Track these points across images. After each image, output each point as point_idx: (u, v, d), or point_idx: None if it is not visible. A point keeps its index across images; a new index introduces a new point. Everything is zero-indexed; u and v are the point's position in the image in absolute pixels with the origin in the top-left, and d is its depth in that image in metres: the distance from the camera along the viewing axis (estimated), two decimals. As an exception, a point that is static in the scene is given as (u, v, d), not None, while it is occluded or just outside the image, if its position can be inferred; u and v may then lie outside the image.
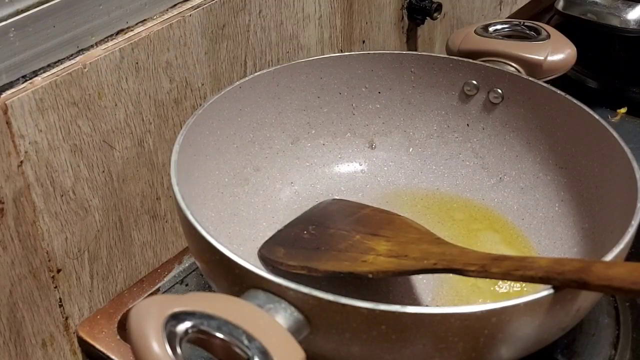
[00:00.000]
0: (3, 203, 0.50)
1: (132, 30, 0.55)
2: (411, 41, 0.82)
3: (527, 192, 0.61)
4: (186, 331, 0.38)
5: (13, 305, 0.52)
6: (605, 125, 0.56)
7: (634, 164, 0.52)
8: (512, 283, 0.54)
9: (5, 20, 0.48)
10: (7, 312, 0.52)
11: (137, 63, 0.55)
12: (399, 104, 0.65)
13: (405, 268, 0.49)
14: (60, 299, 0.55)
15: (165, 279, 0.61)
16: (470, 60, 0.63)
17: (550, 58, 0.64)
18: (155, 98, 0.57)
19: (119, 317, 0.57)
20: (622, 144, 0.54)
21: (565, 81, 0.66)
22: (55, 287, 0.55)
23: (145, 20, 0.56)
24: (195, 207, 0.49)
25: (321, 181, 0.64)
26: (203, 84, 0.61)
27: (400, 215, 0.57)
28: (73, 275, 0.56)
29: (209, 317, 0.39)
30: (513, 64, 0.64)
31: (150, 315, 0.37)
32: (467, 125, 0.64)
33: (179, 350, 0.37)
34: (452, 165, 0.65)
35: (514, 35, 0.68)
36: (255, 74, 0.61)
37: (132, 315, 0.38)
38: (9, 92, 0.49)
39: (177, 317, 0.38)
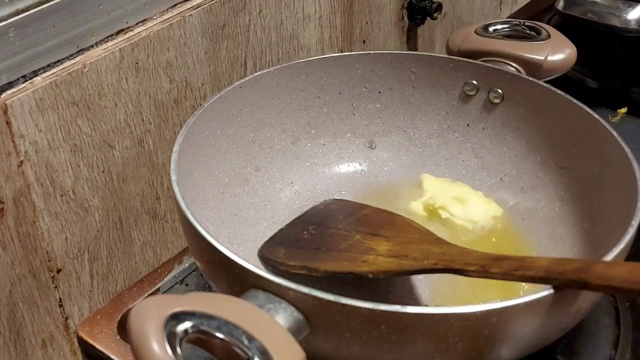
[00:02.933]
0: (3, 203, 0.50)
1: (132, 30, 0.55)
2: (411, 41, 0.82)
3: (527, 192, 0.61)
4: (186, 331, 0.38)
5: (13, 305, 0.52)
6: (605, 125, 0.56)
7: (634, 164, 0.52)
8: (514, 283, 0.54)
9: (5, 20, 0.48)
10: (7, 312, 0.52)
11: (137, 63, 0.55)
12: (399, 104, 0.65)
13: (406, 268, 0.49)
14: (60, 299, 0.55)
15: (165, 279, 0.61)
16: (470, 60, 0.63)
17: (550, 58, 0.64)
18: (155, 98, 0.57)
19: (119, 317, 0.57)
20: (622, 144, 0.54)
21: (565, 81, 0.66)
22: (55, 287, 0.55)
23: (145, 20, 0.56)
24: (195, 207, 0.49)
25: (321, 181, 0.64)
26: (203, 84, 0.61)
27: (400, 215, 0.57)
28: (73, 275, 0.56)
29: (209, 317, 0.39)
30: (513, 64, 0.64)
31: (150, 315, 0.37)
32: (467, 125, 0.64)
33: (179, 350, 0.37)
34: (452, 165, 0.65)
35: (514, 35, 0.68)
36: (255, 74, 0.61)
37: (132, 315, 0.38)
38: (9, 92, 0.49)
39: (177, 317, 0.38)
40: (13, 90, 0.49)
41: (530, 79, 0.61)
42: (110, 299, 0.59)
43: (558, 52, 0.65)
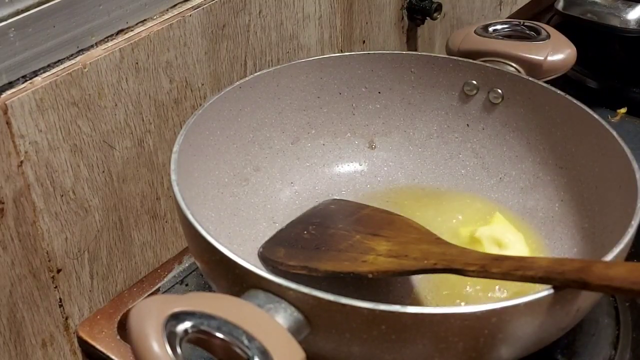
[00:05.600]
0: (3, 203, 0.50)
1: (132, 30, 0.55)
2: (411, 41, 0.82)
3: (527, 192, 0.61)
4: (186, 331, 0.38)
5: (13, 305, 0.52)
6: (605, 125, 0.56)
7: (634, 164, 0.52)
8: (513, 283, 0.54)
9: (5, 20, 0.48)
10: (7, 312, 0.52)
11: (137, 63, 0.55)
12: (399, 104, 0.65)
13: (405, 268, 0.49)
14: (60, 299, 0.55)
15: (165, 279, 0.61)
16: (470, 60, 0.63)
17: (550, 58, 0.64)
18: (155, 98, 0.57)
19: (119, 317, 0.57)
20: (622, 144, 0.54)
21: (565, 81, 0.66)
22: (55, 287, 0.55)
23: (145, 20, 0.56)
24: (195, 207, 0.49)
25: (321, 181, 0.64)
26: (203, 84, 0.61)
27: (400, 216, 0.57)
28: (73, 275, 0.56)
29: (209, 317, 0.39)
30: (513, 64, 0.64)
31: (150, 315, 0.37)
32: (467, 125, 0.64)
33: (179, 350, 0.37)
34: (452, 165, 0.65)
35: (514, 35, 0.68)
36: (255, 74, 0.61)
37: (132, 315, 0.38)
38: (9, 92, 0.49)
39: (177, 317, 0.38)
40: (13, 90, 0.49)
41: (530, 79, 0.61)
42: (110, 299, 0.59)
43: (558, 52, 0.65)
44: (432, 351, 0.42)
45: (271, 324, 0.41)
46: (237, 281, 0.44)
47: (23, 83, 0.49)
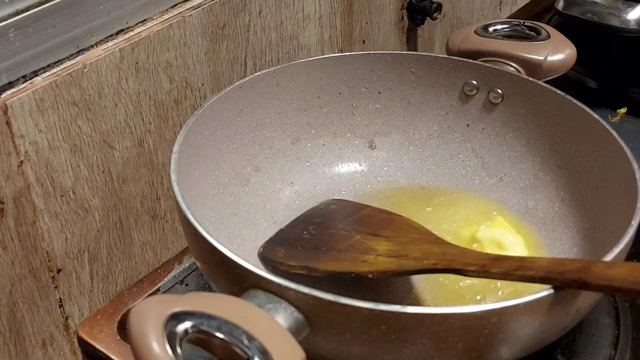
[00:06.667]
0: (3, 203, 0.50)
1: (132, 30, 0.55)
2: (411, 41, 0.82)
3: (527, 192, 0.61)
4: (186, 331, 0.38)
5: (13, 305, 0.52)
6: (605, 125, 0.56)
7: (634, 164, 0.52)
8: (513, 283, 0.54)
9: (5, 20, 0.48)
10: (7, 312, 0.52)
11: (137, 63, 0.55)
12: (399, 104, 0.65)
13: (406, 268, 0.49)
14: (60, 299, 0.55)
15: (165, 279, 0.61)
16: (470, 60, 0.63)
17: (550, 58, 0.64)
18: (155, 98, 0.57)
19: (119, 317, 0.57)
20: (622, 144, 0.54)
21: (565, 81, 0.66)
22: (55, 287, 0.55)
23: (145, 20, 0.56)
24: (195, 207, 0.49)
25: (321, 181, 0.64)
26: (203, 84, 0.61)
27: (400, 216, 0.57)
28: (73, 275, 0.56)
29: (209, 317, 0.39)
30: (513, 64, 0.64)
31: (150, 315, 0.37)
32: (467, 125, 0.64)
33: (179, 350, 0.37)
34: (452, 165, 0.65)
35: (514, 35, 0.68)
36: (255, 74, 0.61)
37: (132, 315, 0.38)
38: (9, 92, 0.49)
39: (177, 317, 0.38)
40: (13, 90, 0.49)
41: (530, 79, 0.61)
42: (110, 299, 0.59)
43: (558, 52, 0.65)
44: (432, 351, 0.42)
45: (271, 324, 0.41)
46: (237, 281, 0.44)
47: (23, 83, 0.49)
